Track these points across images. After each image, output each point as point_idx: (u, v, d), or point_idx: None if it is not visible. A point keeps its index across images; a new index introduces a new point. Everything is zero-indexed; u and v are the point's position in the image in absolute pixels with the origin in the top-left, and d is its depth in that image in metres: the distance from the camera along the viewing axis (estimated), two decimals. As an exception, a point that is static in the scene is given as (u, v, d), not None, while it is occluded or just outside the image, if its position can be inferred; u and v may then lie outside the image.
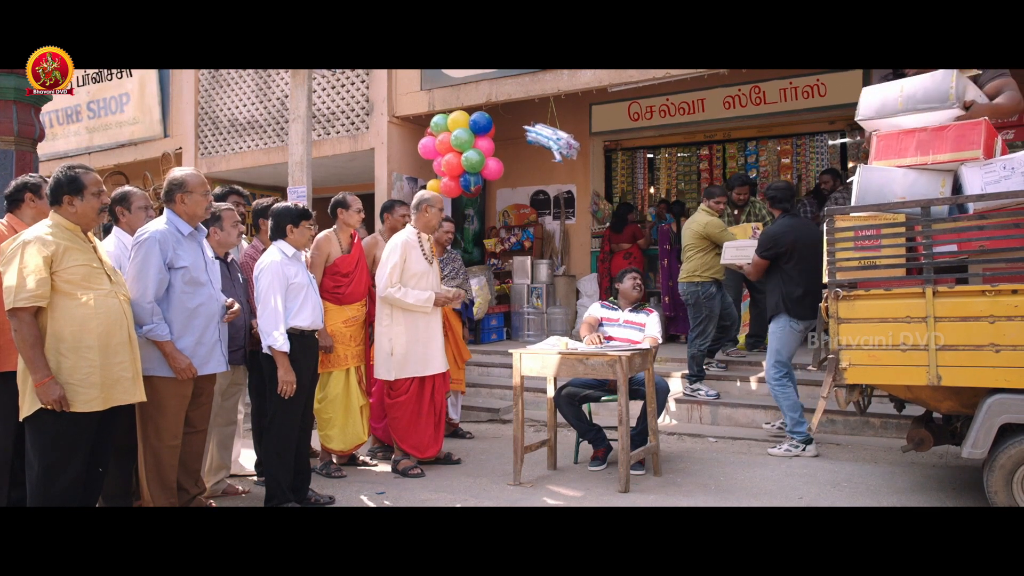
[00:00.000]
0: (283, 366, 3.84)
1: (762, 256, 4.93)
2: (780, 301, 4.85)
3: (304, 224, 4.06)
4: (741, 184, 6.61)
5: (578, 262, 9.36)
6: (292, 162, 6.83)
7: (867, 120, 3.91)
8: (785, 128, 8.64)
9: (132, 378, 3.15)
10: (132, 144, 11.03)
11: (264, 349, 3.87)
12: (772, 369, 4.92)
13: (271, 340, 3.81)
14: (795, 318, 4.81)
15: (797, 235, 4.89)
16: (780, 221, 5.07)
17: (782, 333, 4.86)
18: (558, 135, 7.14)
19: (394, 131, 8.48)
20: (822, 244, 3.56)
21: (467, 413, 6.49)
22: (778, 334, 4.92)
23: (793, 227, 4.96)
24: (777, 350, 4.91)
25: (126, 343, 3.14)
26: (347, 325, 4.77)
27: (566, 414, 4.72)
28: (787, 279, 4.87)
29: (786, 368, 4.92)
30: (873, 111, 3.81)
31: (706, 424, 5.88)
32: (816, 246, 4.81)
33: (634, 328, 4.82)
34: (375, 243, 5.41)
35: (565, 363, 4.26)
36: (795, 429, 4.84)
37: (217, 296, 3.65)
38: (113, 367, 3.07)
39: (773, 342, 4.96)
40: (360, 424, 4.84)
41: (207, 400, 3.76)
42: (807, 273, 4.69)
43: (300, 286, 3.97)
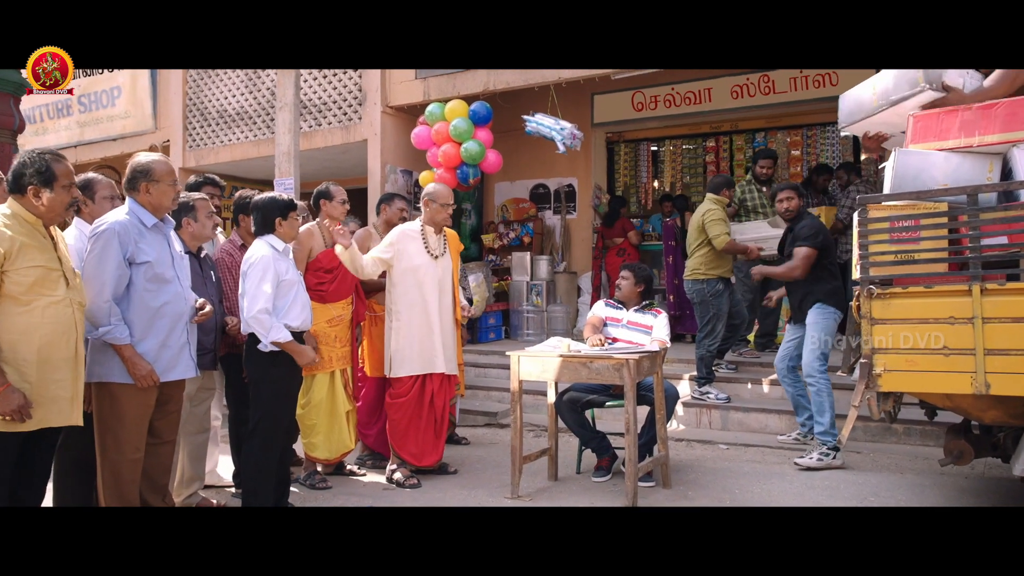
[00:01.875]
0: (295, 351, 3.60)
1: (814, 246, 4.64)
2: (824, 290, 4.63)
3: (292, 216, 3.74)
4: (765, 157, 6.31)
5: (579, 258, 9.02)
6: (279, 152, 6.49)
7: (849, 126, 3.85)
8: (795, 118, 8.30)
9: (70, 398, 2.81)
10: (122, 138, 10.70)
11: (263, 347, 3.54)
12: (816, 362, 4.56)
13: (273, 335, 3.50)
14: (835, 307, 4.60)
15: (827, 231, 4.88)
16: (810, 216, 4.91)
17: (826, 321, 4.56)
18: (561, 124, 6.82)
19: (388, 122, 8.14)
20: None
21: (463, 417, 6.16)
22: (821, 323, 4.58)
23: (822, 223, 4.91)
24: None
25: (71, 359, 2.81)
26: (331, 325, 4.44)
27: (568, 421, 4.39)
28: (826, 270, 4.69)
29: (827, 361, 4.61)
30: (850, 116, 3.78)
31: (716, 429, 5.55)
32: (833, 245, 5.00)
33: (639, 330, 4.48)
34: (368, 236, 5.08)
35: (567, 367, 3.92)
36: (831, 431, 4.49)
37: (186, 294, 3.31)
38: (50, 385, 2.74)
39: (817, 332, 4.58)
40: (346, 431, 4.51)
41: (175, 408, 3.42)
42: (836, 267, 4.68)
43: (290, 283, 3.65)
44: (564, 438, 4.78)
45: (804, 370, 4.66)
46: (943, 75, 3.35)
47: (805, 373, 4.65)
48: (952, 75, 3.42)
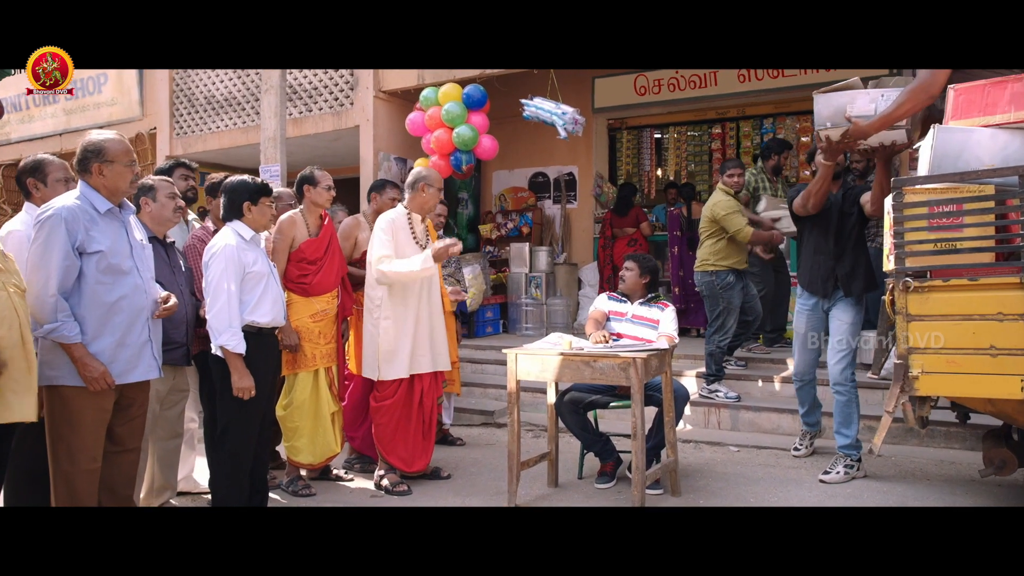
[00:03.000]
0: (237, 370, 3.20)
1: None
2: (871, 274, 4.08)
3: (264, 201, 3.41)
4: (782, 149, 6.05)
5: (580, 249, 8.70)
6: (264, 137, 6.17)
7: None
8: (805, 103, 7.85)
9: (22, 392, 2.51)
10: (109, 125, 10.37)
11: (214, 350, 3.23)
12: (848, 369, 4.03)
13: (223, 339, 3.17)
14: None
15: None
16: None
17: (859, 318, 4.05)
18: (562, 109, 6.49)
19: (381, 107, 7.80)
20: None
21: (458, 416, 5.85)
22: (856, 321, 4.05)
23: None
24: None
25: (16, 346, 2.50)
26: (315, 320, 4.12)
27: (569, 423, 4.08)
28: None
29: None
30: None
31: (725, 430, 5.24)
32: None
33: (645, 324, 4.16)
34: (356, 225, 4.77)
35: (569, 366, 3.61)
36: (857, 444, 4.09)
37: (147, 287, 2.99)
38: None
39: (847, 333, 4.03)
40: (332, 433, 4.20)
41: (139, 412, 3.10)
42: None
43: (258, 275, 3.33)
44: (565, 439, 4.47)
45: (832, 378, 4.10)
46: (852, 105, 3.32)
47: (833, 382, 4.09)
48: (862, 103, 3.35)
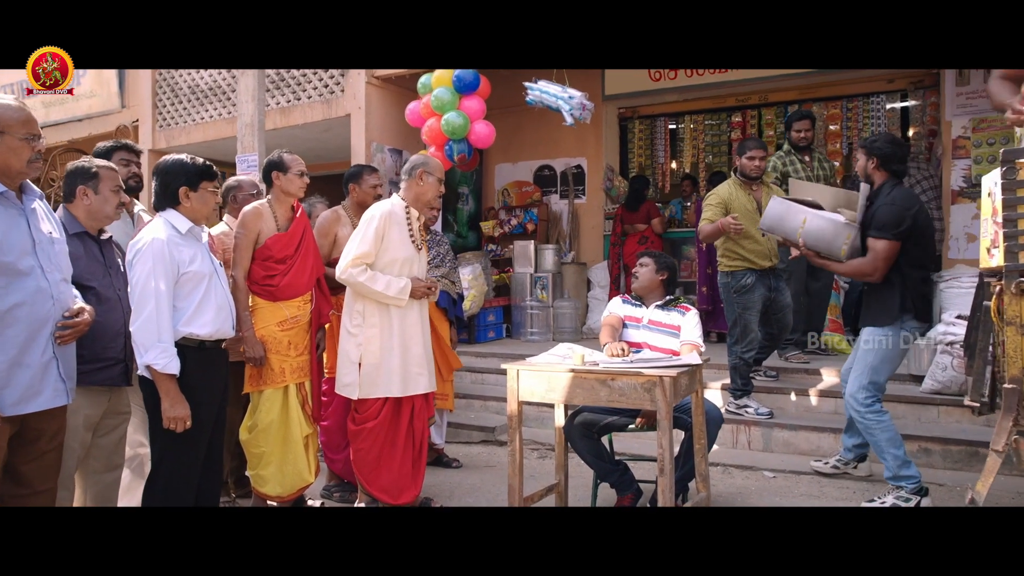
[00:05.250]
0: (168, 395, 2.61)
1: (896, 236, 3.42)
2: (904, 298, 3.48)
3: (206, 186, 2.81)
4: (800, 119, 5.27)
5: (589, 248, 8.09)
6: (241, 124, 5.58)
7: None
8: (832, 89, 7.33)
9: None
10: (88, 118, 9.87)
11: (140, 369, 2.63)
12: (861, 392, 3.53)
13: (149, 357, 2.57)
14: (920, 321, 3.51)
15: (920, 208, 3.53)
16: (899, 190, 3.56)
17: (890, 346, 3.48)
18: (569, 93, 5.90)
19: (374, 94, 7.21)
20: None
21: (455, 432, 5.26)
22: (882, 348, 3.52)
23: (914, 198, 3.59)
24: (874, 367, 3.51)
25: None
26: (284, 328, 3.54)
27: (580, 449, 3.48)
28: (910, 267, 3.49)
29: (880, 392, 3.59)
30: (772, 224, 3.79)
31: (757, 451, 4.63)
32: (931, 226, 3.70)
33: (664, 332, 3.56)
34: (335, 220, 4.17)
35: (581, 385, 3.00)
36: (902, 473, 3.47)
37: (55, 292, 2.40)
38: None
39: (869, 356, 3.55)
40: (304, 460, 3.61)
41: (50, 446, 2.51)
42: (928, 259, 3.55)
43: (197, 276, 2.72)
44: (575, 461, 3.85)
45: (845, 398, 3.65)
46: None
47: (847, 402, 3.64)
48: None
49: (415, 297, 3.51)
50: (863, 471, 4.01)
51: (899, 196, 3.50)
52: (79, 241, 2.93)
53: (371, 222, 3.44)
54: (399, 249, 3.49)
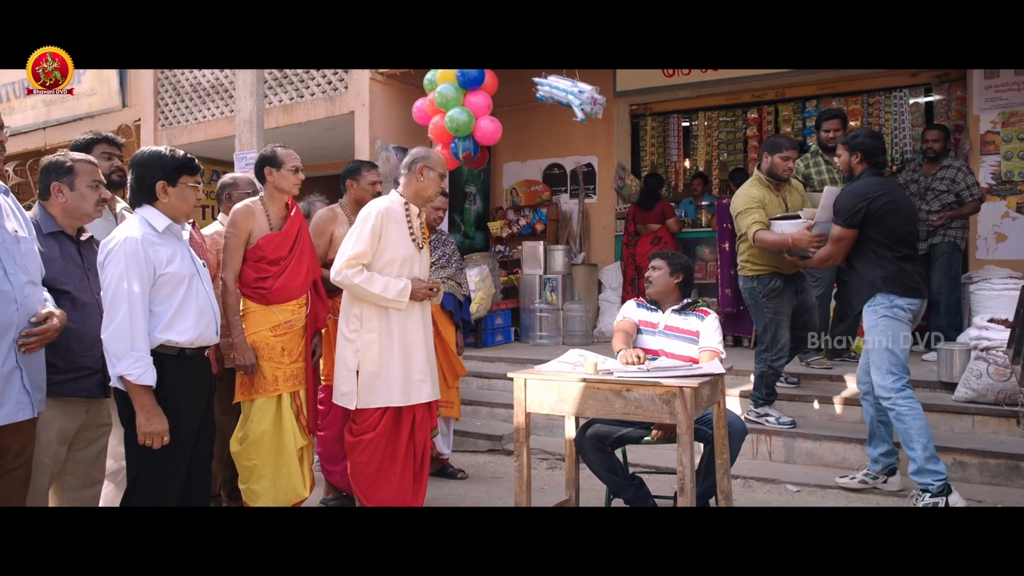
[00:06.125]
0: (143, 408, 2.39)
1: (847, 224, 3.58)
2: (873, 272, 3.57)
3: (185, 181, 2.59)
4: (829, 118, 5.01)
5: (600, 248, 7.87)
6: (239, 120, 5.39)
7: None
8: (853, 83, 7.06)
9: None
10: (89, 117, 9.74)
11: (113, 381, 2.42)
12: (888, 377, 3.46)
13: (122, 367, 2.36)
14: (895, 294, 3.51)
15: (893, 195, 3.64)
16: (867, 179, 3.67)
17: (887, 322, 3.48)
18: (580, 87, 5.67)
19: (378, 90, 7.00)
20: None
21: (460, 440, 5.04)
22: (881, 325, 3.51)
23: (885, 185, 3.69)
24: (888, 349, 3.46)
25: None
26: (277, 334, 3.33)
27: (592, 463, 3.25)
28: (879, 248, 3.58)
29: (906, 374, 3.51)
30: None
31: (779, 462, 4.38)
32: (914, 214, 3.89)
33: (682, 338, 3.32)
34: (332, 218, 3.96)
35: (594, 396, 2.77)
36: (929, 467, 3.34)
37: (18, 295, 2.20)
38: None
39: (877, 337, 3.52)
40: (298, 473, 3.40)
41: (17, 463, 2.31)
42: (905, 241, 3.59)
43: (176, 278, 2.50)
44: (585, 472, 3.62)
45: (875, 390, 3.58)
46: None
47: (877, 394, 3.57)
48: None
49: (416, 299, 3.30)
50: (894, 485, 3.77)
51: (859, 185, 3.64)
52: (54, 241, 2.74)
53: (367, 220, 3.22)
54: (398, 248, 3.27)
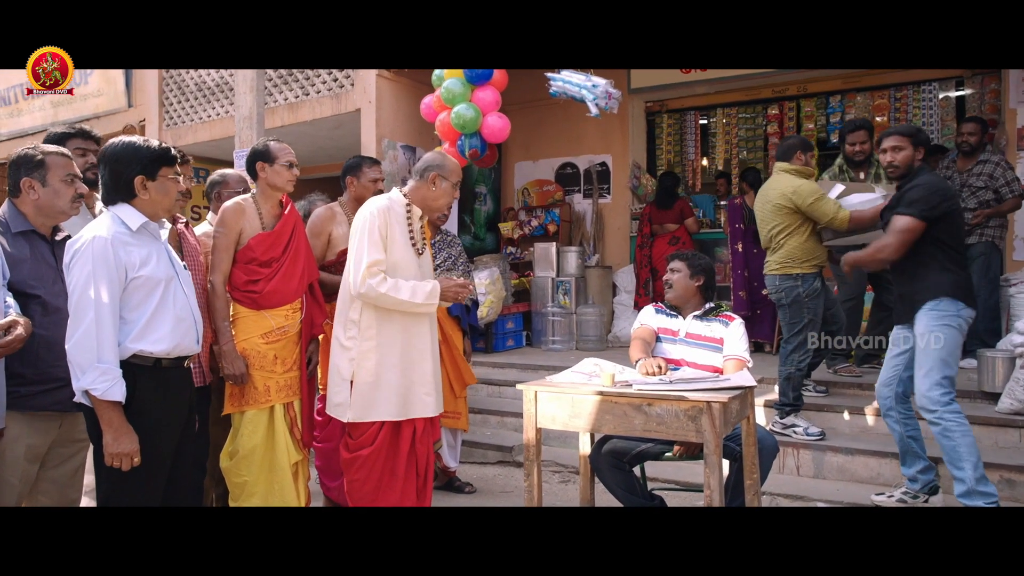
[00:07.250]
0: (111, 426, 2.15)
1: (922, 216, 3.27)
2: (947, 280, 3.29)
3: (165, 173, 2.35)
4: (854, 129, 4.66)
5: (615, 250, 7.62)
6: (239, 117, 5.18)
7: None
8: (879, 77, 6.78)
9: None
10: (96, 117, 9.63)
11: (78, 396, 2.19)
12: (936, 390, 3.21)
13: (87, 381, 2.12)
14: (964, 302, 3.28)
15: (955, 195, 3.51)
16: (934, 176, 3.49)
17: (949, 331, 3.22)
18: (593, 82, 5.42)
19: (385, 88, 6.79)
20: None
21: (469, 451, 4.79)
22: (944, 333, 3.24)
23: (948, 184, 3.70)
24: (944, 360, 3.22)
25: None
26: (269, 341, 3.10)
27: (608, 481, 3.00)
28: (947, 251, 3.33)
29: (954, 389, 3.29)
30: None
31: (807, 477, 4.11)
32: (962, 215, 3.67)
33: (705, 346, 3.07)
34: (330, 217, 3.73)
35: (612, 411, 2.52)
36: (979, 489, 3.11)
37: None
38: None
39: (935, 346, 3.25)
40: (292, 490, 3.17)
41: (-25, 485, 2.10)
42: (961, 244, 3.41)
43: (150, 282, 2.25)
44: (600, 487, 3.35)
45: (918, 401, 3.31)
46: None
47: (920, 406, 3.30)
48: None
49: (447, 300, 3.02)
50: (936, 504, 3.49)
51: (935, 180, 3.43)
52: (25, 241, 2.54)
53: (371, 221, 2.91)
54: (398, 249, 2.99)
